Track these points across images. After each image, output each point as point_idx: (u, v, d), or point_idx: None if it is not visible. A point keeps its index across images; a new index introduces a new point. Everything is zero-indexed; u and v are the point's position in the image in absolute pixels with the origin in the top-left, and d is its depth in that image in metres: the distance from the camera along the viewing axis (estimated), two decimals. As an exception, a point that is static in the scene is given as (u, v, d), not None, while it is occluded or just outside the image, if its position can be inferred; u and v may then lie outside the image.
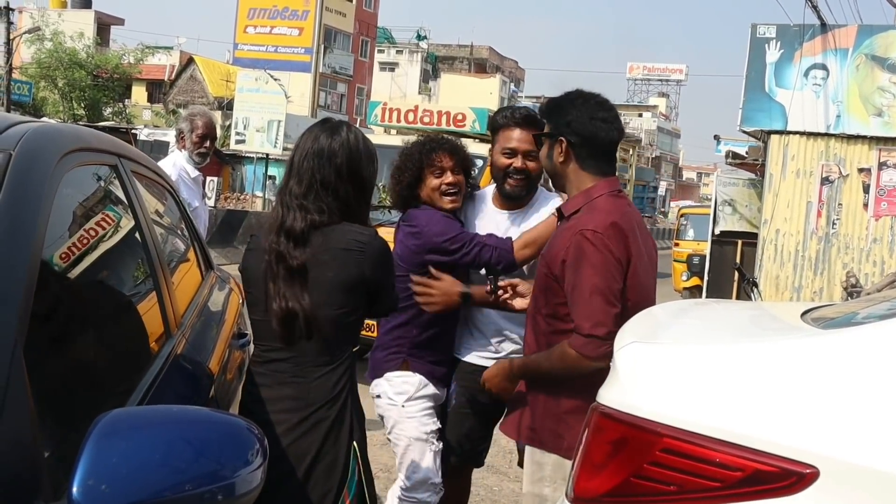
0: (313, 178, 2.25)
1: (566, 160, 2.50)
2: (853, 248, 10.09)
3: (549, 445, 2.49)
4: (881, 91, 9.86)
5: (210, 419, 1.25)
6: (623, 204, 2.48)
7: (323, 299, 2.19)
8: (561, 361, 2.38)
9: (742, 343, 1.71)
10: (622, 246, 2.34)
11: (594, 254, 2.31)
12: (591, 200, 2.45)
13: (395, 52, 57.03)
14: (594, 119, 2.48)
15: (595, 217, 2.38)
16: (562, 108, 2.52)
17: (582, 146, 2.48)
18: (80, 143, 1.75)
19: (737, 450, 1.45)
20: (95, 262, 1.78)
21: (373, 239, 2.25)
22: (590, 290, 2.31)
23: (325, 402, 2.20)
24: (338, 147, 2.27)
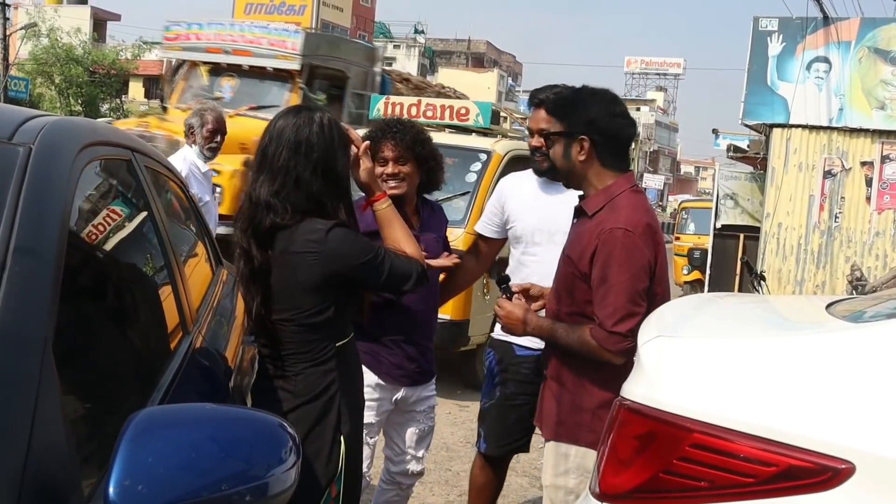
0: (288, 174, 2.16)
1: (588, 159, 2.49)
2: (856, 241, 10.08)
3: (583, 441, 2.49)
4: (884, 84, 9.84)
5: (243, 417, 1.23)
6: (645, 201, 2.52)
7: (282, 301, 2.16)
8: (580, 345, 2.42)
9: (773, 337, 1.69)
10: (652, 246, 2.38)
11: (626, 253, 2.34)
12: (614, 198, 2.45)
13: (392, 47, 56.89)
14: (615, 116, 2.48)
15: (626, 215, 2.40)
16: (579, 107, 2.51)
17: (604, 144, 2.48)
18: (97, 136, 1.72)
19: (770, 445, 1.43)
20: (114, 257, 1.76)
21: (324, 235, 2.13)
22: (618, 287, 2.34)
23: (311, 397, 2.18)
24: (315, 139, 2.18)
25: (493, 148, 6.89)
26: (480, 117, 7.39)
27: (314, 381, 2.20)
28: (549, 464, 2.58)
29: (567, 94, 2.60)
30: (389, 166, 2.99)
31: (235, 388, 2.26)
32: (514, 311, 2.62)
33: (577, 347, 2.42)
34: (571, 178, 2.57)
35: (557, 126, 2.55)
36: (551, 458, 2.57)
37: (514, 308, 2.63)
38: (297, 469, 1.21)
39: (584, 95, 2.55)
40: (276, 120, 2.23)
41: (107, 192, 1.84)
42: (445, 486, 4.76)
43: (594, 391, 2.45)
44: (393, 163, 2.98)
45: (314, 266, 2.13)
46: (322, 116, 2.24)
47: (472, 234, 6.40)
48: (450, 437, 5.69)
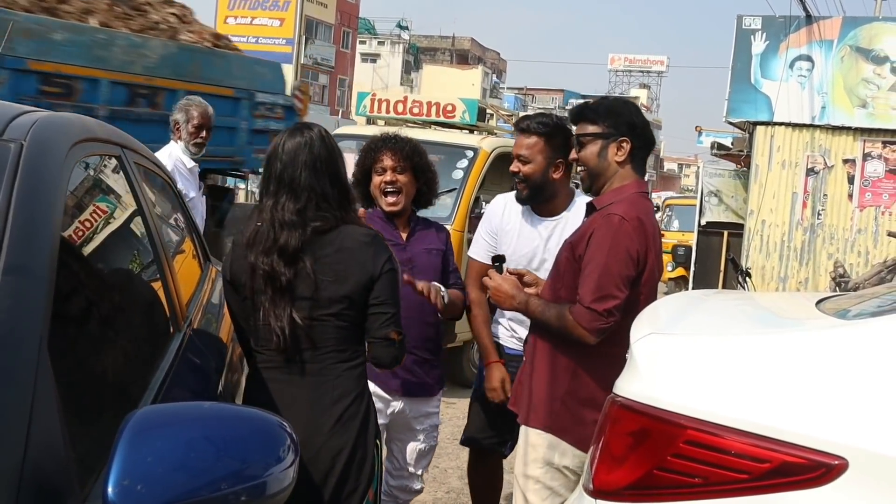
0: (312, 191, 2.23)
1: (625, 161, 2.59)
2: (838, 238, 10.17)
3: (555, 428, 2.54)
4: (865, 82, 9.92)
5: (241, 415, 1.22)
6: (650, 206, 2.60)
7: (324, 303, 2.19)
8: (557, 320, 2.48)
9: (765, 334, 1.70)
10: (642, 240, 2.45)
11: (616, 237, 2.42)
12: (623, 196, 2.54)
13: (376, 44, 56.77)
14: (648, 124, 2.64)
15: (625, 207, 2.48)
16: (621, 112, 2.63)
17: (641, 149, 2.60)
18: (87, 133, 1.71)
19: (763, 441, 1.44)
20: (105, 254, 1.74)
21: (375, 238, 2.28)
22: (603, 268, 2.41)
23: (353, 399, 2.21)
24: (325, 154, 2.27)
25: (480, 145, 6.89)
26: (467, 114, 7.39)
27: (353, 384, 2.24)
28: (519, 452, 2.63)
29: (602, 100, 2.71)
30: (388, 174, 3.01)
31: (227, 384, 2.25)
32: (503, 285, 2.69)
33: (555, 322, 2.49)
34: (598, 179, 2.64)
35: (594, 128, 2.63)
36: (521, 447, 2.62)
37: (503, 281, 2.70)
38: (296, 468, 1.20)
39: (623, 103, 2.69)
40: (283, 143, 2.28)
41: (97, 188, 1.83)
42: (433, 483, 4.76)
43: (564, 379, 2.52)
44: (391, 171, 3.01)
45: (368, 262, 2.21)
46: (321, 131, 2.34)
47: (460, 230, 6.46)
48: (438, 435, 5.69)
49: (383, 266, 2.24)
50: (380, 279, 2.23)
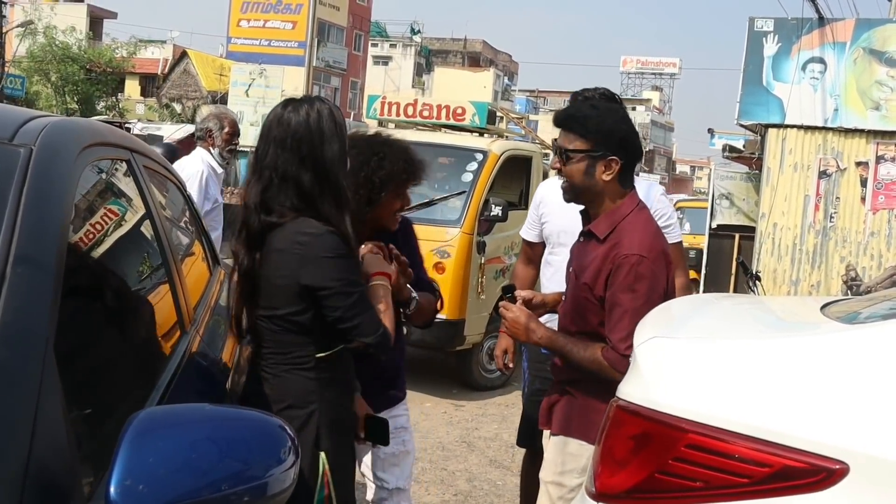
0: (275, 170, 2.06)
1: (613, 179, 2.45)
2: (851, 241, 10.11)
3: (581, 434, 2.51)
4: (879, 85, 9.87)
5: (243, 417, 1.24)
6: (652, 220, 2.51)
7: (264, 299, 2.09)
8: (590, 363, 2.42)
9: (768, 338, 1.70)
10: (664, 272, 2.39)
11: (641, 279, 2.34)
12: (624, 219, 2.45)
13: (388, 46, 56.89)
14: (634, 134, 2.49)
15: (640, 238, 2.39)
16: (612, 128, 2.45)
17: (630, 164, 2.48)
18: (97, 137, 1.73)
19: (765, 445, 1.45)
20: (114, 257, 1.77)
21: (314, 238, 2.02)
22: (633, 312, 2.31)
23: (288, 405, 2.10)
24: (302, 130, 2.06)
25: (490, 148, 6.90)
26: (476, 117, 7.40)
27: (292, 388, 2.11)
28: (551, 460, 2.60)
29: (586, 111, 2.53)
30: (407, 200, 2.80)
31: (232, 387, 2.26)
32: (519, 318, 2.59)
33: (588, 366, 2.43)
34: (583, 195, 2.51)
35: (582, 143, 2.44)
36: (557, 455, 2.58)
37: (520, 314, 2.60)
38: (297, 469, 1.22)
39: (609, 115, 2.49)
40: (267, 116, 2.14)
41: (107, 192, 1.85)
42: (441, 486, 4.77)
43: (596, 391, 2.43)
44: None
45: (293, 265, 2.02)
46: (311, 106, 2.11)
47: (469, 233, 6.47)
48: (445, 437, 5.70)
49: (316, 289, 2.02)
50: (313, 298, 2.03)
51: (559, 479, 2.56)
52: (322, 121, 2.09)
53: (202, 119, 5.17)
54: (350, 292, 2.05)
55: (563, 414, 2.59)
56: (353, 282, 2.08)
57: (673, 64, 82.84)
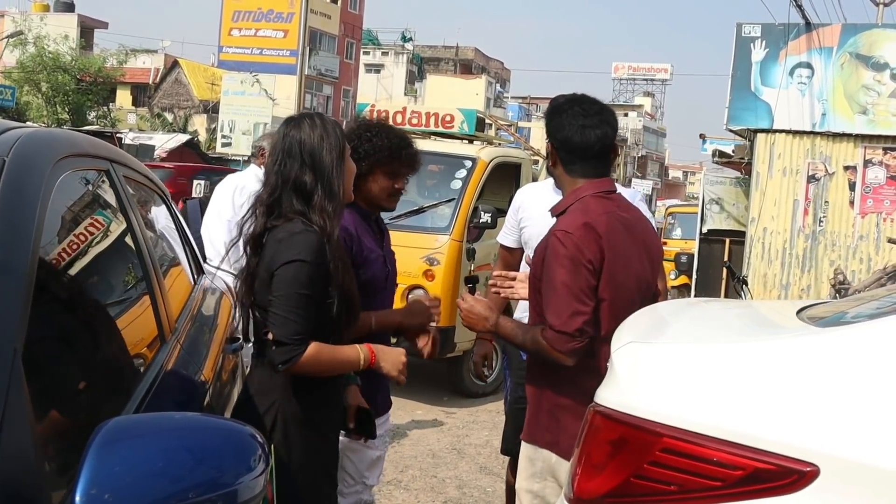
0: (280, 174, 2.24)
1: (555, 164, 2.59)
2: (840, 245, 10.15)
3: (541, 440, 2.54)
4: (866, 89, 9.93)
5: (211, 425, 1.24)
6: (607, 204, 2.50)
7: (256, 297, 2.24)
8: (532, 344, 2.45)
9: (740, 342, 1.72)
10: (594, 245, 2.37)
11: (563, 253, 2.37)
12: (575, 202, 2.50)
13: (380, 54, 56.97)
14: (572, 123, 2.51)
15: (571, 218, 2.44)
16: (549, 115, 2.60)
17: (561, 150, 2.55)
18: (74, 148, 1.73)
19: (737, 449, 1.46)
20: (90, 268, 1.77)
21: (294, 235, 2.16)
22: (559, 287, 2.36)
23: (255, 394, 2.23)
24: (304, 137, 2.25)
25: (479, 155, 6.92)
26: (465, 124, 7.42)
27: (257, 379, 2.26)
28: (521, 465, 2.63)
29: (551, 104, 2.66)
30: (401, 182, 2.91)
31: (214, 397, 2.26)
32: (475, 306, 2.62)
33: (532, 347, 2.46)
34: (556, 183, 2.70)
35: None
36: (522, 460, 2.62)
37: (475, 303, 2.63)
38: (266, 476, 1.22)
39: (557, 103, 2.59)
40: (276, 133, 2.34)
41: (84, 203, 1.85)
42: (431, 493, 4.77)
43: (550, 393, 2.50)
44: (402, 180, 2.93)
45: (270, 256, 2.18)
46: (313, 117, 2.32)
47: (458, 241, 6.48)
48: (436, 444, 5.70)
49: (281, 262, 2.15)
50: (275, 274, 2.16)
51: (524, 484, 2.58)
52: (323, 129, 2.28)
53: (259, 137, 5.39)
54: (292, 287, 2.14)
55: (526, 418, 2.63)
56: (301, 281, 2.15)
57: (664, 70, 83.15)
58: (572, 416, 2.40)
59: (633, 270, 2.47)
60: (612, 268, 2.39)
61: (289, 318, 2.13)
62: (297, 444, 2.21)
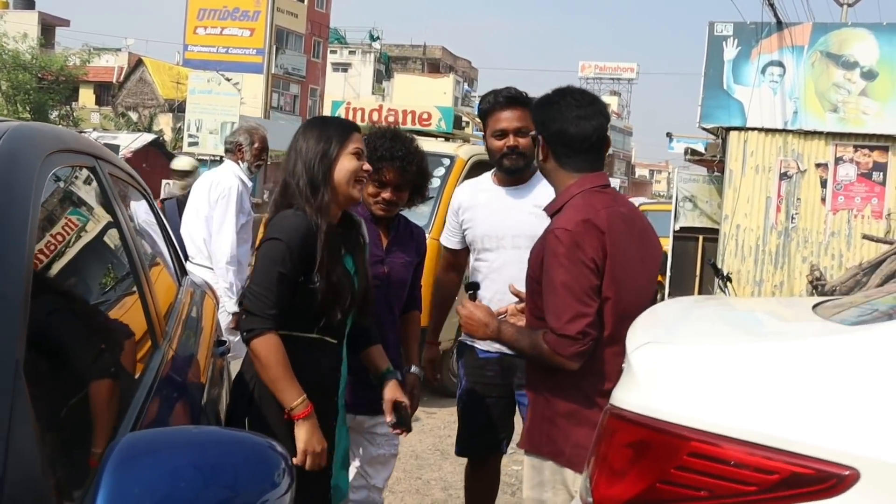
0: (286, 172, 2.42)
1: (545, 158, 2.49)
2: (812, 241, 10.24)
3: (544, 450, 2.43)
4: (836, 87, 10.03)
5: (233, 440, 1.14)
6: (605, 199, 2.40)
7: None
8: (533, 349, 2.35)
9: (770, 342, 1.66)
10: (595, 242, 2.28)
11: (562, 252, 2.27)
12: (571, 198, 2.40)
13: (347, 53, 56.71)
14: (566, 115, 2.43)
15: (569, 215, 2.34)
16: (540, 107, 2.51)
17: (556, 143, 2.45)
18: (61, 143, 1.63)
19: (771, 452, 1.40)
20: (81, 269, 1.66)
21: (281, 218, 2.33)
22: (559, 288, 2.27)
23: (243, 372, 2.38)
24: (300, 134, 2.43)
25: (457, 153, 6.85)
26: (443, 122, 7.35)
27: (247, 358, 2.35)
28: (525, 475, 2.52)
29: (540, 97, 2.57)
30: (388, 192, 2.93)
31: (208, 400, 2.17)
32: (475, 312, 2.53)
33: (531, 352, 2.36)
34: (546, 179, 2.59)
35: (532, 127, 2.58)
36: (527, 470, 2.51)
37: (475, 310, 2.54)
38: (292, 494, 1.13)
39: (548, 96, 2.52)
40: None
41: (71, 201, 1.75)
42: (416, 496, 4.70)
43: (554, 400, 2.38)
44: (392, 189, 2.93)
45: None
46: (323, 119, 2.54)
47: (437, 239, 6.39)
48: (418, 445, 5.62)
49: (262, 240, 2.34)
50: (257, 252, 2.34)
51: (531, 493, 2.48)
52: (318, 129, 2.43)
53: (233, 133, 5.29)
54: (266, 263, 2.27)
55: (526, 426, 2.52)
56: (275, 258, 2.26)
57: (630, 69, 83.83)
58: (576, 423, 2.32)
59: (636, 267, 2.38)
60: (616, 265, 2.29)
61: (261, 292, 2.24)
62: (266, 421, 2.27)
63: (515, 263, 3.11)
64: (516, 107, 3.18)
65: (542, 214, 3.21)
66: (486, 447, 3.39)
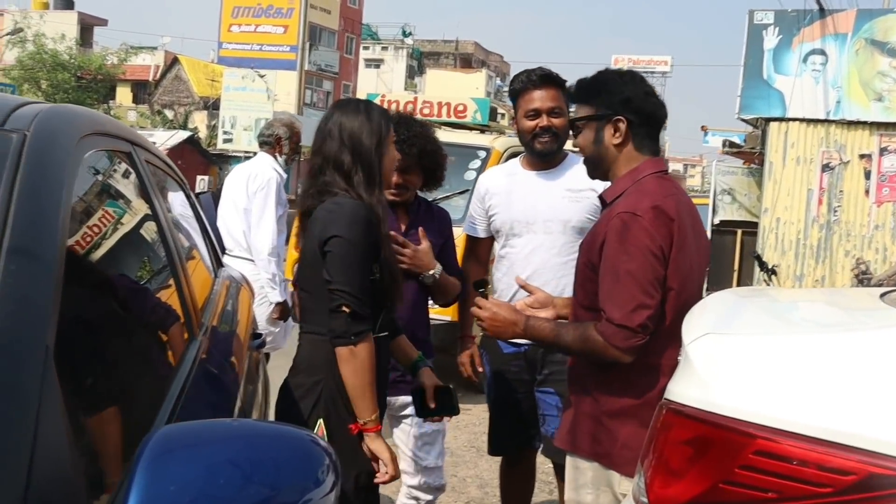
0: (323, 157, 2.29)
1: (623, 142, 2.28)
2: (855, 235, 10.00)
3: (588, 451, 2.30)
4: (881, 76, 9.76)
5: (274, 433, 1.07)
6: (670, 186, 2.28)
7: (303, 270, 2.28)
8: (583, 343, 2.19)
9: (840, 332, 1.56)
10: (664, 231, 2.14)
11: (631, 238, 2.12)
12: (637, 181, 2.26)
13: (380, 49, 56.81)
14: (649, 95, 2.31)
15: (637, 199, 2.19)
16: (611, 86, 2.32)
17: (641, 125, 2.29)
18: (97, 126, 1.58)
19: (846, 451, 1.30)
20: (115, 256, 1.61)
21: (341, 206, 2.19)
22: (623, 276, 2.12)
23: (302, 371, 2.22)
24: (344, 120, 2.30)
25: (493, 145, 6.77)
26: (478, 114, 7.27)
27: (306, 356, 2.23)
28: (567, 475, 2.39)
29: (591, 77, 2.40)
30: (396, 176, 2.87)
31: (245, 395, 2.11)
32: (499, 312, 2.34)
33: (581, 346, 2.20)
34: (600, 165, 2.36)
35: (586, 110, 2.33)
36: (569, 470, 2.38)
37: (498, 308, 2.35)
38: (338, 492, 1.06)
39: (611, 75, 2.37)
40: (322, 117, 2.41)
41: (107, 186, 1.69)
42: (452, 494, 4.62)
43: (602, 397, 2.24)
44: (399, 172, 2.88)
45: (317, 228, 2.19)
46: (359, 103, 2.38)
47: (466, 236, 6.33)
48: (453, 442, 5.54)
49: (326, 242, 2.16)
50: (325, 256, 2.16)
51: (573, 495, 2.34)
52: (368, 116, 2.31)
53: (269, 125, 5.27)
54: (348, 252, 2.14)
55: (564, 423, 2.38)
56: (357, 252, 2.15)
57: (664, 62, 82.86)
58: (624, 422, 2.20)
59: (696, 259, 2.25)
60: (681, 256, 2.16)
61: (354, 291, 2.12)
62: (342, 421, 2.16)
63: (548, 248, 3.10)
64: (550, 86, 3.09)
65: (575, 198, 3.14)
66: (517, 444, 3.34)
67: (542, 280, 3.01)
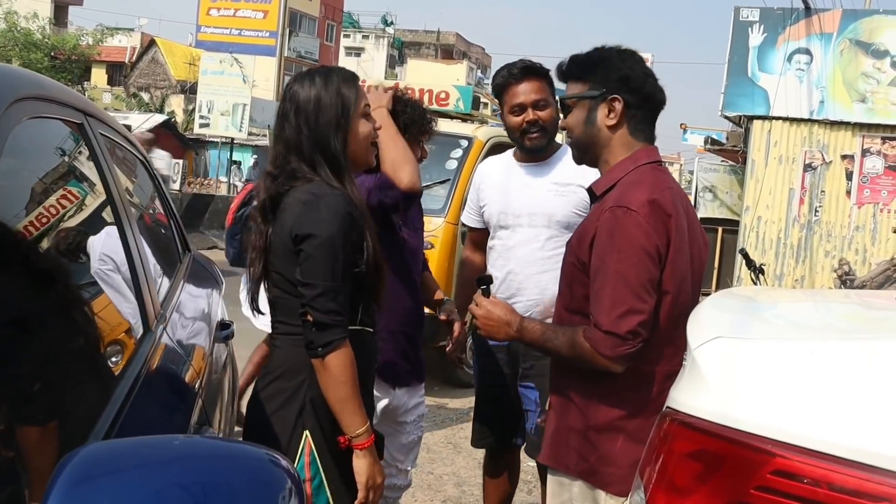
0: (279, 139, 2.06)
1: (618, 124, 2.08)
2: (835, 235, 9.97)
3: (572, 468, 2.11)
4: (865, 77, 9.72)
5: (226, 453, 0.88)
6: (666, 178, 2.09)
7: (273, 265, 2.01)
8: (570, 349, 2.02)
9: (869, 340, 1.41)
10: (661, 228, 1.95)
11: (624, 235, 1.93)
12: (630, 172, 2.05)
13: (361, 37, 56.42)
14: (648, 76, 2.11)
15: (631, 192, 1.99)
16: (609, 63, 2.11)
17: (638, 107, 2.08)
18: (38, 89, 1.39)
19: (879, 475, 1.16)
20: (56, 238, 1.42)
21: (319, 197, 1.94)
22: (612, 277, 1.93)
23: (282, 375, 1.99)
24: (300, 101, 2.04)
25: (475, 134, 6.61)
26: (461, 102, 7.10)
27: (284, 358, 2.01)
28: (550, 491, 2.21)
29: (587, 53, 2.18)
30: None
31: (207, 398, 1.93)
32: (493, 311, 2.18)
33: (568, 352, 2.02)
34: (589, 149, 2.15)
35: (579, 87, 2.12)
36: (551, 485, 2.20)
37: (493, 307, 2.20)
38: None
39: (609, 52, 2.15)
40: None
41: (50, 158, 1.51)
42: (428, 491, 4.48)
43: (589, 410, 2.06)
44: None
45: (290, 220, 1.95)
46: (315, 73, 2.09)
47: (453, 223, 6.16)
48: (430, 438, 5.39)
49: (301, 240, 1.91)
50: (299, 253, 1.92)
51: None
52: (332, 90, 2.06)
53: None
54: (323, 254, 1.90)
55: (548, 438, 2.19)
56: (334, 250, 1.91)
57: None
58: (612, 437, 2.02)
59: (693, 258, 2.06)
60: (678, 256, 1.97)
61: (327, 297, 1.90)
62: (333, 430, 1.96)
63: (531, 242, 3.03)
64: (533, 78, 2.97)
65: (560, 192, 3.02)
66: (500, 438, 3.27)
67: (525, 274, 2.98)
